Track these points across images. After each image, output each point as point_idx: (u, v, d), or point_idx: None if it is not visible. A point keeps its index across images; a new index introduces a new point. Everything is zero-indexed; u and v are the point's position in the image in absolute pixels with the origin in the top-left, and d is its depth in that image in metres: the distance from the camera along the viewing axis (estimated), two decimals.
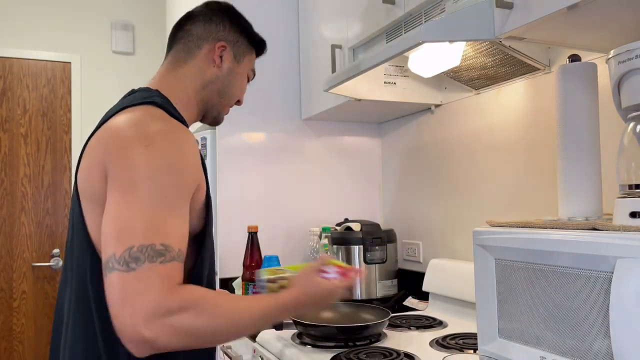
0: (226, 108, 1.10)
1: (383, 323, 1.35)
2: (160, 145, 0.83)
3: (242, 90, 1.11)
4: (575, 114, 0.96)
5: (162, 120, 0.88)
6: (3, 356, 2.95)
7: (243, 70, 1.09)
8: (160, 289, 0.74)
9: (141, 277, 0.74)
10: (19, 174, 3.06)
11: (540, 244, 0.83)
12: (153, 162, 0.81)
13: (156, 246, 0.76)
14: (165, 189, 0.80)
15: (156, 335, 0.72)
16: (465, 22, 1.09)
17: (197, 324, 0.76)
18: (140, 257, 0.75)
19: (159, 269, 0.75)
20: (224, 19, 1.06)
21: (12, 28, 3.10)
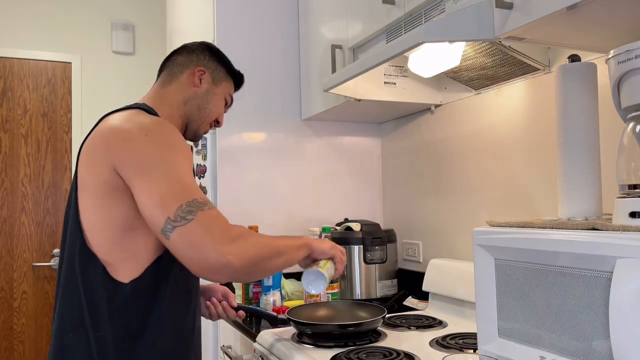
0: (204, 125, 1.23)
1: (378, 320, 1.35)
2: (158, 132, 0.98)
3: (219, 110, 1.25)
4: (575, 114, 0.96)
5: (149, 116, 1.04)
6: (3, 356, 2.95)
7: (220, 92, 1.25)
8: (221, 225, 0.90)
9: (201, 221, 0.88)
10: (19, 174, 3.06)
11: (540, 244, 0.83)
12: (158, 145, 0.96)
13: (198, 200, 0.91)
14: (176, 161, 0.95)
15: (233, 255, 0.89)
16: (465, 22, 1.09)
17: (251, 246, 0.94)
18: (192, 209, 0.89)
19: (210, 212, 0.91)
20: (205, 51, 1.25)
21: (13, 28, 3.10)
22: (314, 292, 1.21)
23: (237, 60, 2.06)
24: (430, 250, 1.92)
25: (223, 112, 1.28)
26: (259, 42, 2.12)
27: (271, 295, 1.70)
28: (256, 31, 2.12)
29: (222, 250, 0.88)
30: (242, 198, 2.05)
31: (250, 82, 2.10)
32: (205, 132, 1.26)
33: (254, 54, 2.11)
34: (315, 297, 1.67)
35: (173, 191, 0.91)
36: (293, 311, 1.47)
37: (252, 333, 1.54)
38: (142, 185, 0.92)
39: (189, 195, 0.91)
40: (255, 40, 2.11)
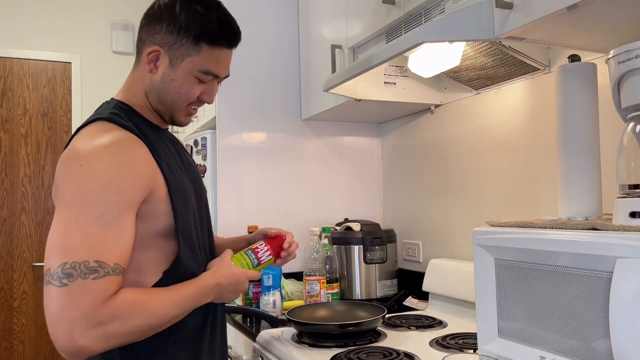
0: (177, 113, 1.04)
1: (378, 320, 1.35)
2: (95, 164, 0.87)
3: (187, 94, 1.01)
4: (575, 114, 0.96)
5: (104, 136, 0.91)
6: (3, 356, 2.95)
7: (181, 75, 0.99)
8: (92, 302, 0.80)
9: (74, 292, 0.80)
10: (19, 173, 3.06)
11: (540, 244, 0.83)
12: (88, 182, 0.86)
13: (89, 263, 0.82)
14: (101, 206, 0.85)
15: (89, 343, 0.80)
16: (465, 22, 1.09)
17: (125, 329, 0.84)
18: (73, 273, 0.80)
19: (91, 284, 0.81)
20: (163, 17, 0.98)
21: (13, 28, 3.10)
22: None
23: (236, 61, 2.08)
24: (430, 250, 1.92)
25: (197, 93, 1.02)
26: (258, 42, 2.12)
27: (271, 295, 1.70)
28: (256, 31, 2.12)
29: (76, 335, 0.78)
30: (242, 198, 2.05)
31: (250, 82, 2.10)
32: (189, 116, 1.06)
33: (253, 54, 2.11)
34: (315, 298, 1.67)
35: (69, 243, 0.82)
36: (293, 311, 1.47)
37: (252, 333, 1.54)
38: (56, 219, 0.85)
39: (83, 255, 0.81)
40: (255, 40, 2.11)
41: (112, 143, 0.90)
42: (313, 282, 1.68)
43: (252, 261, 1.14)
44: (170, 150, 1.05)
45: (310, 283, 1.69)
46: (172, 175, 0.98)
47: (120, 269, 0.86)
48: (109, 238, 0.85)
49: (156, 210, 0.94)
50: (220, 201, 2.02)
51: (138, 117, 1.01)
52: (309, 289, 1.69)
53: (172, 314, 0.91)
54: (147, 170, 0.92)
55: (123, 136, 0.92)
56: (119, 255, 0.86)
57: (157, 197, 0.94)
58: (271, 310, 1.69)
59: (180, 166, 1.06)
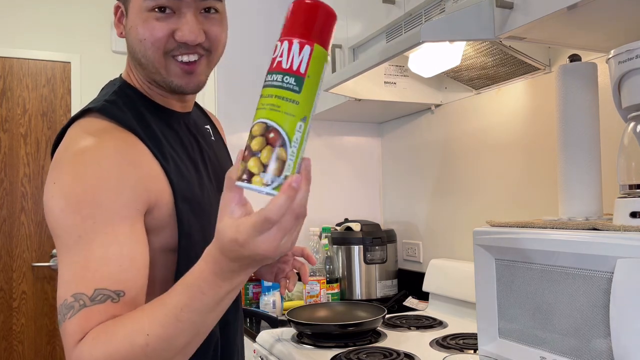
0: (161, 70, 0.82)
1: (378, 320, 1.35)
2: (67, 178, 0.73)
3: (149, 39, 0.80)
4: (575, 113, 0.96)
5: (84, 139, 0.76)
6: (3, 356, 2.95)
7: (134, 17, 0.81)
8: (67, 346, 0.68)
9: (62, 335, 0.69)
10: (18, 173, 3.06)
11: (540, 244, 0.83)
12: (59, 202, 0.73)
13: (67, 301, 0.69)
14: (77, 228, 0.71)
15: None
16: (465, 21, 1.09)
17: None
18: (60, 319, 0.70)
19: (66, 326, 0.68)
20: None
21: (12, 28, 3.10)
22: None
23: (235, 62, 2.07)
24: (431, 250, 1.92)
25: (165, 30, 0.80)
26: (258, 42, 2.11)
27: (271, 295, 1.70)
28: (255, 31, 2.11)
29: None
30: None
31: (250, 82, 2.10)
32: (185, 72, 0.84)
33: (252, 54, 2.11)
34: (315, 298, 1.67)
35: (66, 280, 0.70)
36: (293, 312, 1.47)
37: (252, 333, 1.54)
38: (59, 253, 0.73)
39: (62, 294, 0.69)
40: (254, 40, 2.11)
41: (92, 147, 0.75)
42: (313, 282, 1.68)
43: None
44: (185, 144, 0.87)
45: (310, 283, 1.68)
46: (181, 179, 0.82)
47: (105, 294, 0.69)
48: (91, 261, 0.70)
49: (161, 220, 0.79)
50: None
51: (143, 102, 0.84)
52: (309, 289, 1.68)
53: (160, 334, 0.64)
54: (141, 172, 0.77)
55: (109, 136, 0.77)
56: (107, 277, 0.69)
57: (162, 206, 0.79)
58: (271, 310, 1.69)
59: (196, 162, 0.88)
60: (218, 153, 0.97)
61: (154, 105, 0.86)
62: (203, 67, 0.85)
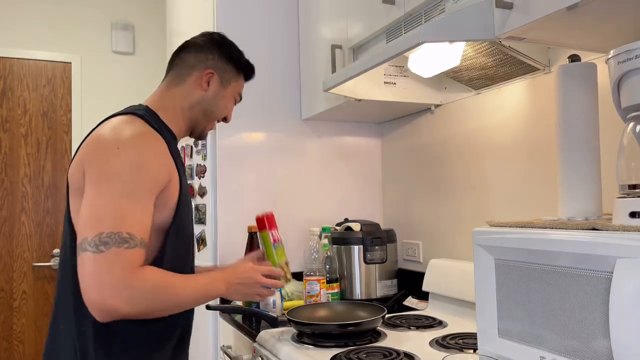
0: (209, 126, 1.25)
1: (377, 320, 1.35)
2: (130, 147, 0.99)
3: (227, 110, 1.26)
4: (575, 114, 0.96)
5: (136, 127, 1.03)
6: (3, 356, 2.95)
7: (229, 94, 1.24)
8: (124, 268, 0.90)
9: (109, 258, 0.90)
10: (19, 174, 3.06)
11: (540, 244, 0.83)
12: (123, 162, 0.97)
13: (122, 234, 0.92)
14: (133, 184, 0.96)
15: (118, 305, 0.89)
16: (465, 22, 1.09)
17: (152, 297, 0.94)
18: (108, 241, 0.91)
19: (124, 253, 0.91)
20: (213, 49, 1.22)
21: (13, 28, 3.10)
22: None
23: None
24: (430, 250, 1.92)
25: (231, 111, 1.28)
26: (258, 42, 2.12)
27: None
28: (256, 31, 2.12)
29: (107, 296, 0.89)
30: (242, 198, 2.05)
31: (251, 82, 2.09)
32: (211, 130, 1.28)
33: (253, 54, 2.10)
34: (315, 298, 1.67)
35: (105, 215, 0.92)
36: (293, 311, 1.47)
37: (252, 333, 1.54)
38: (88, 193, 0.95)
39: (117, 226, 0.92)
40: (255, 40, 2.11)
41: (144, 133, 1.03)
42: (313, 282, 1.68)
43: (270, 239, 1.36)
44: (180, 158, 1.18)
45: (310, 283, 1.68)
46: (182, 177, 1.11)
47: (145, 243, 0.96)
48: (138, 214, 0.95)
49: (165, 201, 1.04)
50: (220, 201, 2.02)
51: (162, 124, 1.15)
52: (308, 289, 1.68)
53: (193, 296, 1.02)
54: (168, 163, 1.05)
55: (150, 131, 1.05)
56: (145, 232, 0.96)
57: (170, 191, 1.05)
58: (271, 310, 1.69)
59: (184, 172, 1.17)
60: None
61: (168, 129, 1.16)
62: None
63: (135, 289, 0.91)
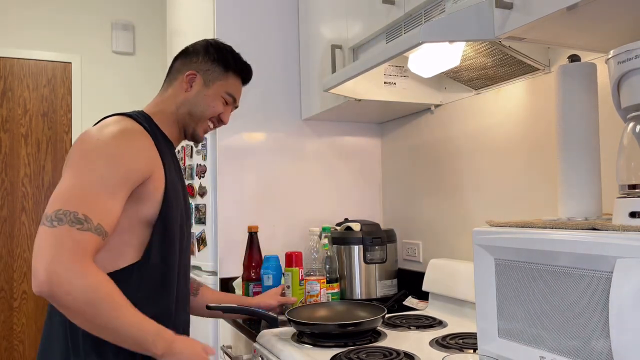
0: (199, 127, 1.26)
1: (378, 319, 1.35)
2: (109, 139, 1.03)
3: (213, 110, 1.26)
4: (574, 114, 0.96)
5: (121, 124, 1.08)
6: (4, 355, 2.95)
7: (213, 93, 1.25)
8: (72, 250, 0.90)
9: (59, 234, 0.90)
10: (19, 174, 3.06)
11: (539, 244, 0.83)
12: (98, 152, 1.00)
13: (78, 214, 0.93)
14: (103, 170, 0.98)
15: (52, 283, 0.87)
16: (465, 22, 1.09)
17: (82, 300, 0.89)
18: (62, 218, 0.92)
19: (75, 233, 0.91)
20: (200, 52, 1.26)
21: (13, 28, 3.10)
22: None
23: None
24: (430, 250, 1.92)
25: (221, 110, 1.28)
26: (258, 42, 2.12)
27: None
28: (256, 31, 2.12)
29: (45, 270, 0.87)
30: (242, 198, 2.05)
31: (250, 82, 2.09)
32: (205, 132, 1.28)
33: (253, 54, 2.11)
34: (315, 297, 1.67)
35: (66, 194, 0.95)
36: (293, 311, 1.47)
37: (252, 333, 1.54)
38: (62, 176, 0.99)
39: (74, 205, 0.93)
40: (255, 40, 2.11)
41: (124, 129, 1.07)
42: (313, 282, 1.68)
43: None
44: (173, 159, 1.22)
45: (310, 283, 1.69)
46: (170, 173, 1.13)
47: (102, 231, 0.95)
48: (102, 199, 0.97)
49: (148, 195, 1.07)
50: (220, 201, 2.02)
51: (155, 127, 1.18)
52: (308, 289, 1.69)
53: (126, 329, 0.93)
54: (150, 156, 1.08)
55: (135, 127, 1.10)
56: (105, 218, 0.96)
57: (154, 184, 1.07)
58: None
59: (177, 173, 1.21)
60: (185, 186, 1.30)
61: (161, 131, 1.21)
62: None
63: (74, 277, 0.88)
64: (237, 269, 1.99)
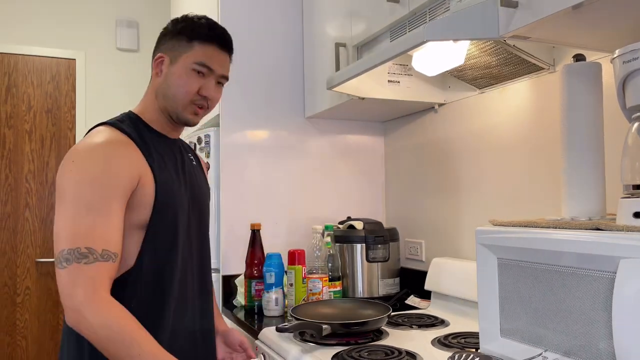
0: (181, 108, 1.15)
1: (383, 319, 1.35)
2: (85, 160, 1.01)
3: (187, 87, 1.14)
4: (579, 113, 0.96)
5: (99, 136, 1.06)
6: (6, 351, 2.96)
7: (179, 69, 1.14)
8: (85, 286, 0.94)
9: (70, 273, 0.95)
10: (23, 170, 3.07)
11: (543, 244, 0.83)
12: (77, 175, 1.00)
13: (81, 249, 0.96)
14: (87, 196, 0.99)
15: (74, 320, 0.93)
16: (470, 20, 1.09)
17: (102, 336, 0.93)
18: (69, 258, 0.95)
19: (84, 268, 0.95)
20: (167, 34, 1.18)
21: (17, 25, 3.11)
22: None
23: (241, 59, 2.08)
24: (433, 249, 1.92)
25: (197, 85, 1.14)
26: (262, 40, 2.12)
27: (273, 293, 1.70)
28: (260, 29, 2.12)
29: (71, 308, 0.93)
30: (245, 196, 2.05)
31: (254, 80, 2.10)
32: (195, 114, 1.17)
33: (257, 52, 2.11)
34: (317, 295, 1.68)
35: (64, 233, 0.97)
36: (297, 309, 1.47)
37: (254, 330, 1.54)
38: (55, 212, 1.01)
39: (75, 242, 0.96)
40: (259, 38, 2.11)
41: (103, 142, 1.05)
42: (315, 280, 1.69)
43: None
44: (169, 155, 1.17)
45: (312, 281, 1.69)
46: (162, 174, 1.11)
47: (109, 255, 0.98)
48: (97, 225, 0.98)
49: (140, 201, 1.06)
50: (223, 198, 2.02)
51: (143, 125, 1.16)
52: (311, 287, 1.69)
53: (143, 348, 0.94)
54: (134, 165, 1.06)
55: (116, 137, 1.07)
56: (108, 241, 0.98)
57: (144, 191, 1.06)
58: (273, 307, 1.70)
59: (177, 170, 1.17)
60: (195, 172, 1.26)
61: (149, 128, 1.17)
62: (202, 115, 1.20)
63: (90, 315, 0.93)
64: (239, 266, 1.99)
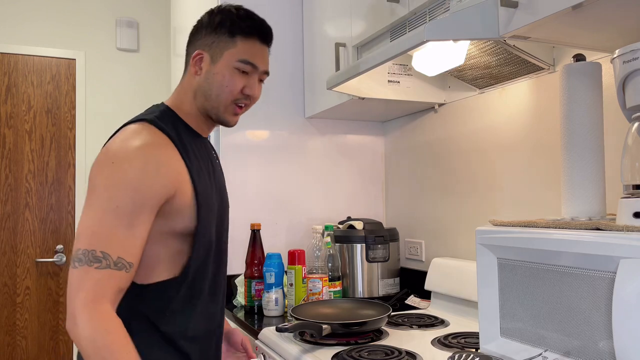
0: (224, 111, 1.11)
1: (383, 319, 1.35)
2: (123, 163, 0.96)
3: (231, 86, 1.09)
4: (579, 113, 0.96)
5: (141, 138, 0.99)
6: (6, 351, 2.96)
7: (221, 69, 1.08)
8: (87, 291, 0.89)
9: (79, 275, 0.90)
10: (23, 170, 3.07)
11: (543, 244, 0.83)
12: (112, 177, 0.95)
13: (96, 252, 0.91)
14: (118, 200, 0.93)
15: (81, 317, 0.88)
16: (470, 21, 1.09)
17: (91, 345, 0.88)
18: (82, 258, 0.91)
19: (93, 272, 0.90)
20: (201, 27, 1.12)
21: (17, 25, 3.11)
22: None
23: None
24: (433, 249, 1.92)
25: (241, 84, 1.09)
26: None
27: (273, 292, 1.70)
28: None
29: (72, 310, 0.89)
30: (245, 196, 2.05)
31: None
32: (236, 114, 1.12)
33: None
34: (317, 295, 1.68)
35: (84, 232, 0.93)
36: (297, 309, 1.47)
37: (254, 330, 1.54)
38: (84, 209, 0.96)
39: (92, 244, 0.91)
40: None
41: (143, 145, 0.98)
42: (315, 280, 1.69)
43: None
44: (204, 158, 1.13)
45: (312, 281, 1.69)
46: (200, 182, 1.06)
47: (123, 264, 0.93)
48: (119, 232, 0.93)
49: (178, 210, 1.01)
50: None
51: (180, 123, 1.10)
52: (311, 287, 1.69)
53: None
54: (173, 172, 1.00)
55: (156, 140, 1.01)
56: (126, 250, 0.93)
57: (182, 199, 1.01)
58: (273, 307, 1.70)
59: (209, 174, 1.13)
60: (221, 175, 1.22)
61: (186, 126, 1.11)
62: (241, 114, 1.15)
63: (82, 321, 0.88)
64: (239, 266, 1.99)
